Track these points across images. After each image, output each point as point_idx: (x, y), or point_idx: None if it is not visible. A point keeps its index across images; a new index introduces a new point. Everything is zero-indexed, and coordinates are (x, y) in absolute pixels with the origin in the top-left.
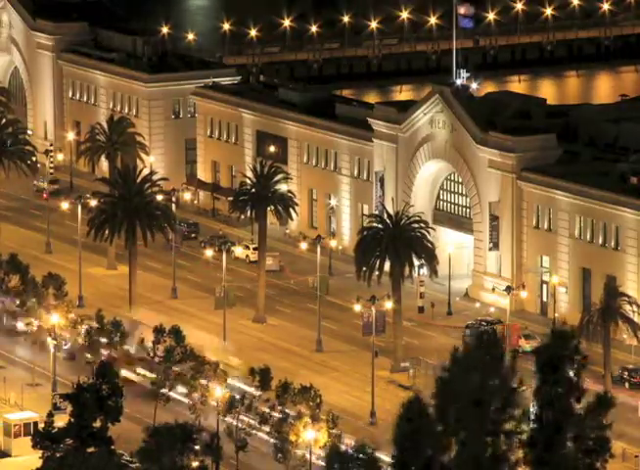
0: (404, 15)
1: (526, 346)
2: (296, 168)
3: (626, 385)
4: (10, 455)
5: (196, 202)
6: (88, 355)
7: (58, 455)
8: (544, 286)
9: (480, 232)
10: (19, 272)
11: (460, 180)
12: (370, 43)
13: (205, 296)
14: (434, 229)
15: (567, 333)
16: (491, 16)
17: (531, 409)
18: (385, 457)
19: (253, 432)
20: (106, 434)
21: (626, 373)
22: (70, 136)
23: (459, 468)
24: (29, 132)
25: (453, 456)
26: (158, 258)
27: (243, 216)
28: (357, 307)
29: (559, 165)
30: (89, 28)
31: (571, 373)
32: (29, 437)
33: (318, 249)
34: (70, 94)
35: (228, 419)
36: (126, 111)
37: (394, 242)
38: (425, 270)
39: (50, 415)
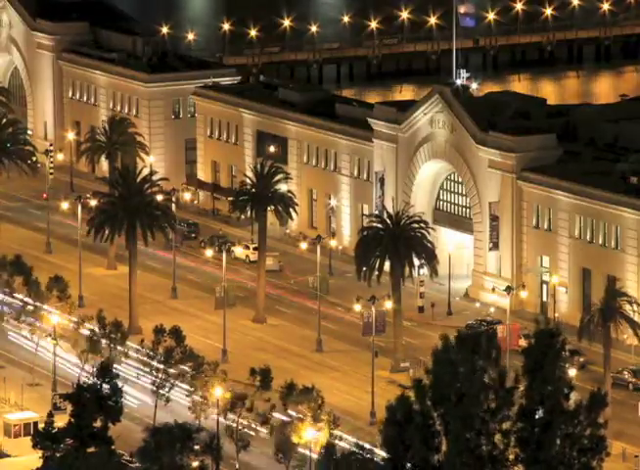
0: (404, 15)
1: (526, 346)
2: (296, 168)
3: (630, 387)
4: (10, 455)
5: (196, 202)
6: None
7: (58, 455)
8: (544, 286)
9: (480, 232)
10: (22, 274)
11: (460, 180)
12: (370, 43)
13: (205, 296)
14: (433, 229)
15: (553, 331)
16: (491, 16)
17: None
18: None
19: (254, 432)
20: (106, 434)
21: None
22: (70, 136)
23: (449, 468)
24: (29, 132)
25: (444, 456)
26: (158, 258)
27: (243, 216)
28: (357, 307)
29: (559, 165)
30: (89, 28)
31: (561, 370)
32: (29, 437)
33: (318, 249)
34: (70, 94)
35: (229, 418)
36: (126, 111)
37: (394, 242)
38: (425, 270)
39: (50, 415)
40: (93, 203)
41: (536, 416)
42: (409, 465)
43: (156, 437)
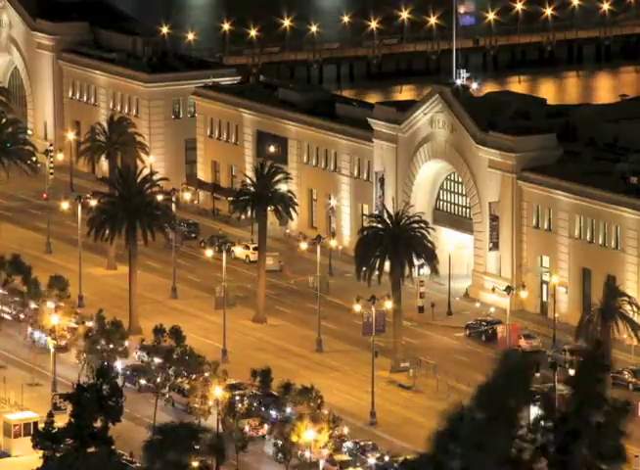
0: (404, 15)
1: (526, 346)
2: (296, 168)
3: (630, 387)
4: (10, 455)
5: (196, 202)
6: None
7: (58, 455)
8: (544, 286)
9: (480, 232)
10: (21, 273)
11: (460, 180)
12: (370, 43)
13: (205, 296)
14: (433, 229)
15: (598, 360)
16: (491, 16)
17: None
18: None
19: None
20: (106, 434)
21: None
22: (70, 136)
23: None
24: (29, 132)
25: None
26: (158, 258)
27: (243, 216)
28: (357, 307)
29: (559, 165)
30: (89, 28)
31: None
32: (29, 437)
33: (318, 249)
34: (70, 94)
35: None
36: (126, 111)
37: (394, 242)
38: (425, 270)
39: (50, 415)
40: (93, 203)
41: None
42: None
43: (160, 435)
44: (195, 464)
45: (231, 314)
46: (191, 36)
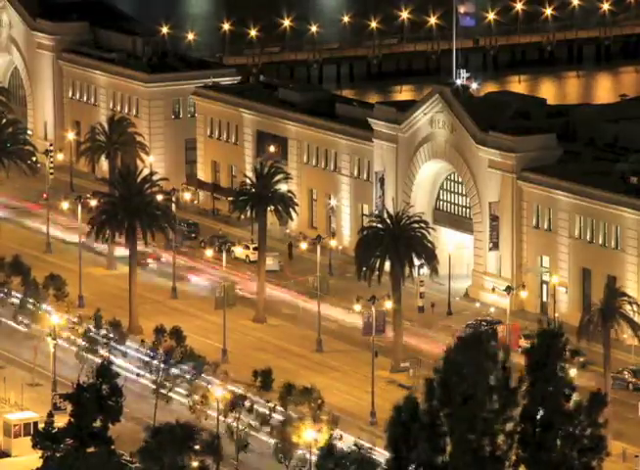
0: (404, 15)
1: (527, 346)
2: (296, 168)
3: (630, 387)
4: (10, 455)
5: (196, 202)
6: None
7: (58, 455)
8: (544, 286)
9: (480, 232)
10: (21, 274)
11: (460, 180)
12: (370, 43)
13: (205, 296)
14: (434, 229)
15: (555, 331)
16: (491, 16)
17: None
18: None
19: (254, 432)
20: (106, 434)
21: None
22: (70, 136)
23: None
24: (29, 132)
25: (448, 457)
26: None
27: (243, 216)
28: (357, 307)
29: (559, 165)
30: (89, 28)
31: (563, 371)
32: (29, 437)
33: (318, 249)
34: (70, 94)
35: (229, 419)
36: (126, 111)
37: (394, 242)
38: (425, 270)
39: (50, 415)
40: (93, 203)
41: (537, 416)
42: (413, 465)
43: (157, 437)
44: (194, 464)
45: (231, 314)
46: (191, 36)
